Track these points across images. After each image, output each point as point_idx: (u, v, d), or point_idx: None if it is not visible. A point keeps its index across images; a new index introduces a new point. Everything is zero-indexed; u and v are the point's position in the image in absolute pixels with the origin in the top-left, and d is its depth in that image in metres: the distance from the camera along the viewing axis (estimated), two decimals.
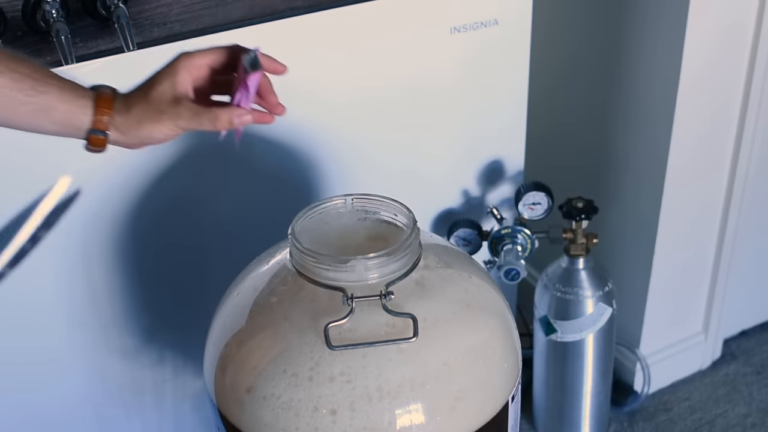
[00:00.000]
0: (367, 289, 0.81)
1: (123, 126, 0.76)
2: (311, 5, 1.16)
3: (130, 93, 0.78)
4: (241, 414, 0.82)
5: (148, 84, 0.77)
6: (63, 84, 0.75)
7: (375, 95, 1.24)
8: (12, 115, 0.74)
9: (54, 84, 0.74)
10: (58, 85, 0.74)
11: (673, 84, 1.35)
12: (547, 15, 1.56)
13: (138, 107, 0.76)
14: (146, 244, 1.17)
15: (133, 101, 0.76)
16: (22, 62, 0.73)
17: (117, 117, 0.76)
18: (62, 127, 0.76)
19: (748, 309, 1.77)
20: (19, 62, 0.73)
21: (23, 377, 1.17)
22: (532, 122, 1.43)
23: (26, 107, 0.73)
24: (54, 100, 0.74)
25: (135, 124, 0.76)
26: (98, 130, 0.76)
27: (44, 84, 0.73)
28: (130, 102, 0.76)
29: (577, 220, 1.35)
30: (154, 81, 0.77)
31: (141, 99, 0.76)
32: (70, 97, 0.75)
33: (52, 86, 0.74)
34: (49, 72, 0.75)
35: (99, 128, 0.76)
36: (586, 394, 1.47)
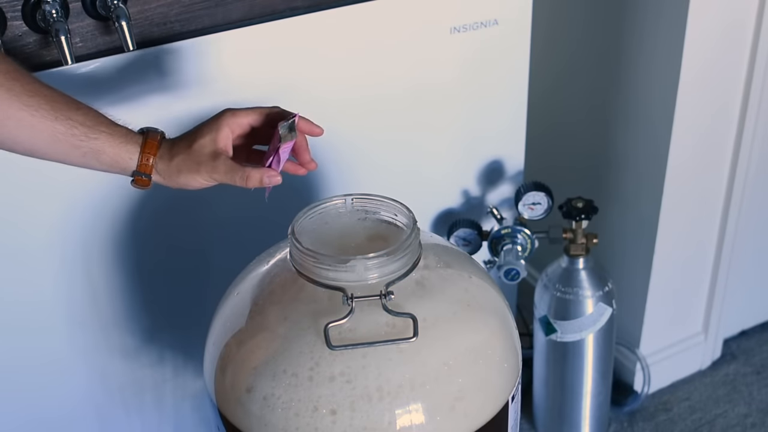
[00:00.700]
0: (367, 289, 0.81)
1: (164, 172, 0.84)
2: (311, 5, 1.16)
3: (175, 140, 0.85)
4: (241, 414, 0.82)
5: (193, 135, 0.84)
6: (113, 130, 0.82)
7: (375, 95, 1.24)
8: (64, 157, 0.82)
9: (104, 131, 0.81)
10: (108, 132, 0.81)
11: (673, 83, 1.35)
12: (547, 15, 1.56)
13: (180, 156, 0.83)
14: (146, 244, 1.17)
15: (176, 150, 0.83)
16: (76, 109, 0.80)
17: (160, 163, 0.83)
18: (110, 168, 0.83)
19: (748, 309, 1.77)
20: (74, 109, 0.80)
21: (24, 378, 1.17)
22: (532, 122, 1.43)
23: (78, 151, 0.81)
24: (104, 146, 0.81)
25: (175, 172, 0.83)
26: (142, 173, 0.83)
27: (96, 131, 0.81)
28: (174, 150, 0.83)
29: (577, 220, 1.35)
30: (198, 133, 0.83)
31: (184, 149, 0.83)
32: (118, 142, 0.82)
33: (102, 133, 0.81)
34: (100, 118, 0.82)
35: (143, 171, 0.83)
36: (586, 394, 1.47)
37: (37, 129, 0.78)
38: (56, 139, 0.79)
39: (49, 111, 0.78)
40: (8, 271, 1.09)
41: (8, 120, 0.77)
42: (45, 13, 1.00)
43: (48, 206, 1.08)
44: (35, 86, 0.78)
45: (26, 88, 0.77)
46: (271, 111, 0.85)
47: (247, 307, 0.87)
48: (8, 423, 1.19)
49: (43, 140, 0.79)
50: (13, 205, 1.06)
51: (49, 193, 1.08)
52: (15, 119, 0.77)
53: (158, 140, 0.84)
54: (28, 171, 1.05)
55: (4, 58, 0.78)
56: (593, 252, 1.39)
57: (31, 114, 0.78)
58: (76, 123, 0.79)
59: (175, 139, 0.85)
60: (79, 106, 0.81)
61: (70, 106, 0.80)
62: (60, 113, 0.79)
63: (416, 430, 0.79)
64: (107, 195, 1.11)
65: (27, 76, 0.79)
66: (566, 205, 1.36)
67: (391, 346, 0.79)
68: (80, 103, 0.81)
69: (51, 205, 1.08)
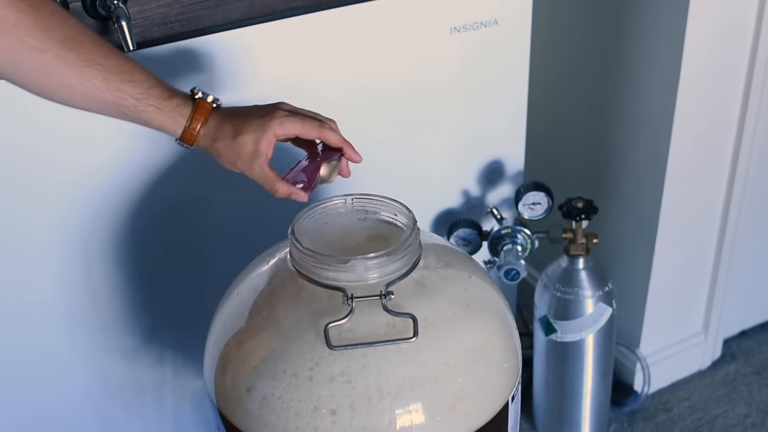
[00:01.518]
0: (367, 289, 0.81)
1: (206, 147, 0.87)
2: (311, 5, 1.16)
3: (224, 119, 0.86)
4: (241, 414, 0.82)
5: (240, 123, 0.85)
6: (161, 104, 0.84)
7: (375, 95, 1.24)
8: (116, 118, 0.85)
9: (152, 105, 0.83)
10: (156, 106, 0.84)
11: (673, 83, 1.35)
12: (547, 15, 1.56)
13: (221, 143, 0.86)
14: (146, 244, 1.17)
15: (220, 133, 0.86)
16: (129, 81, 0.82)
17: (202, 140, 0.86)
18: (157, 131, 0.87)
19: (748, 309, 1.77)
20: (126, 81, 0.82)
21: (24, 377, 1.17)
22: (532, 122, 1.43)
23: (127, 117, 0.84)
24: (151, 118, 0.84)
25: (215, 152, 0.87)
26: (185, 143, 0.87)
27: (144, 104, 0.83)
28: (218, 133, 0.86)
29: (577, 220, 1.35)
30: (245, 125, 0.85)
31: (227, 136, 0.86)
32: (165, 117, 0.85)
33: (150, 106, 0.83)
34: (152, 90, 0.83)
35: (186, 142, 0.87)
36: (586, 394, 1.47)
37: (88, 96, 0.81)
38: (106, 107, 0.83)
39: (101, 82, 0.80)
40: (8, 271, 1.09)
41: (61, 88, 0.80)
42: None
43: (48, 206, 1.08)
44: (92, 55, 0.79)
45: (81, 58, 0.79)
46: (319, 136, 0.87)
47: (247, 307, 0.87)
48: (8, 423, 1.19)
49: (94, 106, 0.83)
50: (13, 205, 1.06)
51: (49, 193, 1.08)
52: (67, 87, 0.80)
53: (205, 117, 0.85)
54: (29, 171, 1.05)
55: (67, 23, 0.79)
56: (593, 252, 1.39)
57: (83, 84, 0.80)
58: (126, 95, 0.82)
59: (224, 117, 0.86)
60: (132, 77, 0.82)
61: (123, 77, 0.81)
62: (111, 85, 0.81)
63: (416, 430, 0.79)
64: (107, 195, 1.11)
65: (85, 44, 0.79)
66: (566, 205, 1.36)
67: (391, 346, 0.79)
68: (136, 70, 0.82)
69: (51, 205, 1.08)
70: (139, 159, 1.11)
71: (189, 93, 0.87)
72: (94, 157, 1.09)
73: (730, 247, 1.59)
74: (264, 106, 0.87)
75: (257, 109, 0.87)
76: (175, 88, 0.86)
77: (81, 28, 0.80)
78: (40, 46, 0.77)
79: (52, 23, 0.77)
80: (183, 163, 1.14)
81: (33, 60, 0.78)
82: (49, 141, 1.05)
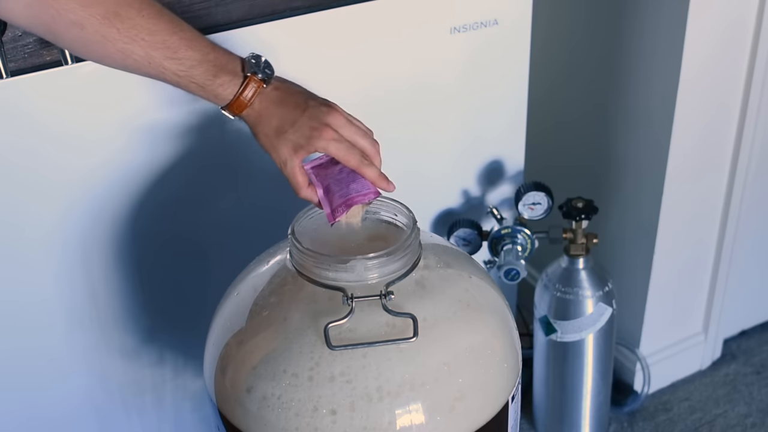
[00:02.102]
0: (367, 289, 0.81)
1: (247, 124, 0.87)
2: (311, 5, 1.16)
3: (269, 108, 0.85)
4: (241, 414, 0.82)
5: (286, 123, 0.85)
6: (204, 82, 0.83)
7: (375, 96, 1.24)
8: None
9: (195, 83, 0.83)
10: (198, 84, 0.83)
11: (673, 83, 1.35)
12: (547, 15, 1.56)
13: (262, 131, 0.86)
14: (146, 244, 1.17)
15: (263, 121, 0.85)
16: (172, 57, 0.81)
17: (246, 120, 0.86)
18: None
19: (748, 309, 1.77)
20: (169, 57, 0.81)
21: (23, 377, 1.17)
22: (532, 122, 1.43)
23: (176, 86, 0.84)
24: (195, 93, 0.84)
25: (252, 131, 0.87)
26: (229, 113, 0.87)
27: (186, 80, 0.83)
28: (261, 119, 0.85)
29: (577, 220, 1.35)
30: (290, 129, 0.85)
31: (269, 129, 0.85)
32: (208, 95, 0.84)
33: (192, 84, 0.83)
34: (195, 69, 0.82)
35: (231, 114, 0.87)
36: (586, 394, 1.47)
37: (130, 69, 0.82)
38: (150, 77, 0.83)
39: (142, 58, 0.80)
40: (8, 271, 1.09)
41: (105, 59, 0.81)
42: None
43: (48, 206, 1.08)
44: (134, 31, 0.78)
45: (123, 35, 0.78)
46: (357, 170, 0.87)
47: (247, 307, 0.87)
48: (8, 423, 1.19)
49: (137, 74, 0.83)
50: (13, 205, 1.06)
51: (49, 193, 1.08)
52: (111, 59, 0.81)
53: (250, 99, 0.85)
54: (29, 171, 1.05)
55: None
56: (593, 252, 1.39)
57: (124, 59, 0.80)
58: (167, 72, 0.82)
59: (274, 103, 0.85)
60: (177, 53, 0.81)
61: (166, 53, 0.81)
62: (153, 61, 0.81)
63: (416, 430, 0.79)
64: (107, 195, 1.11)
65: (130, 19, 0.78)
66: (566, 205, 1.36)
67: (391, 346, 0.79)
68: (182, 47, 0.81)
69: (51, 205, 1.08)
70: (139, 159, 1.11)
71: (240, 66, 0.85)
72: (94, 157, 1.09)
73: (730, 247, 1.59)
74: (318, 110, 0.86)
75: (310, 112, 0.86)
76: (225, 61, 0.84)
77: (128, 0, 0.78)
78: (79, 22, 0.76)
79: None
80: (183, 163, 1.14)
81: (72, 34, 0.77)
82: (49, 141, 1.05)
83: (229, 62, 0.84)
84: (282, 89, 0.87)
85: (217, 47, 0.84)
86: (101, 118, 1.07)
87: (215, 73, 0.83)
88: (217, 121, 1.14)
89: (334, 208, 0.86)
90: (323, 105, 0.87)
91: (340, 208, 0.86)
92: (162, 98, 1.09)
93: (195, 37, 0.83)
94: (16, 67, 1.03)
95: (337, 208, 0.86)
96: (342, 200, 0.86)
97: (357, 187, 0.86)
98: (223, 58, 0.84)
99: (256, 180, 1.21)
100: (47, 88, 1.02)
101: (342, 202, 0.86)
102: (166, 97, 1.09)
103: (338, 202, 0.86)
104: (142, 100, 1.08)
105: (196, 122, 1.13)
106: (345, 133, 0.86)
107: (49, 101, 1.03)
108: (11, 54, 1.02)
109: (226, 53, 0.85)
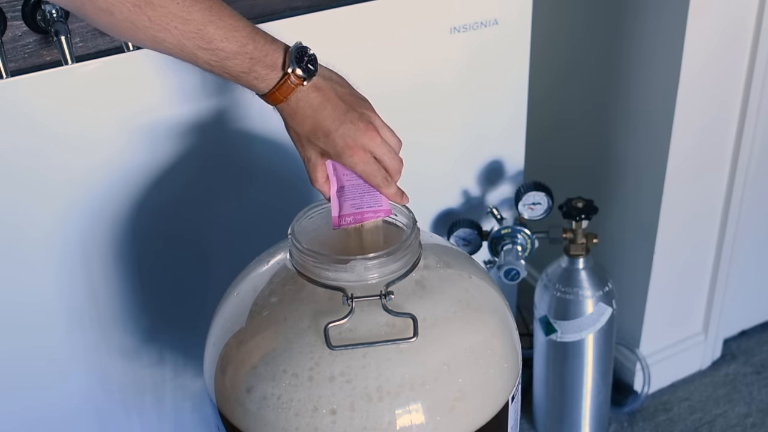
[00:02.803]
0: (367, 289, 0.81)
1: (280, 113, 0.84)
2: (311, 5, 1.16)
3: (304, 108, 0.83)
4: (241, 414, 0.82)
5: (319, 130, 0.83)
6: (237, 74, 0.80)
7: (375, 95, 1.24)
8: None
9: (228, 74, 0.80)
10: (231, 75, 0.80)
11: (673, 83, 1.35)
12: (547, 15, 1.56)
13: (293, 128, 0.84)
14: (146, 244, 1.17)
15: (296, 120, 0.83)
16: (205, 48, 0.77)
17: (280, 111, 0.84)
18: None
19: (748, 309, 1.77)
20: (202, 48, 0.77)
21: (23, 377, 1.17)
22: (532, 122, 1.43)
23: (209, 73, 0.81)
24: (230, 80, 0.81)
25: (285, 123, 0.85)
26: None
27: (219, 70, 0.79)
28: (295, 118, 0.83)
29: (577, 220, 1.35)
30: (323, 139, 0.83)
31: (302, 129, 0.84)
32: (242, 85, 0.82)
33: (225, 74, 0.80)
34: (228, 62, 0.79)
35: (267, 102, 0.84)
36: (586, 394, 1.47)
37: (164, 52, 0.78)
38: (184, 62, 0.80)
39: (174, 46, 0.77)
40: (8, 271, 1.09)
41: (136, 42, 0.78)
42: (45, 13, 1.00)
43: (48, 206, 1.08)
44: (167, 19, 0.75)
45: (155, 23, 0.74)
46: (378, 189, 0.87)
47: (247, 307, 0.87)
48: (8, 423, 1.19)
49: (173, 57, 0.80)
50: (13, 205, 1.06)
51: (49, 193, 1.08)
52: (142, 43, 0.77)
53: (286, 97, 0.82)
54: (29, 171, 1.05)
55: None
56: (593, 252, 1.39)
57: (155, 45, 0.77)
58: (200, 61, 0.78)
59: (309, 105, 0.82)
60: (211, 44, 0.77)
61: (199, 44, 0.77)
62: (185, 49, 0.77)
63: (416, 430, 0.79)
64: (107, 195, 1.11)
65: (163, 7, 0.74)
66: (566, 205, 1.36)
67: (391, 346, 0.79)
68: (216, 38, 0.77)
69: (51, 205, 1.08)
70: (139, 159, 1.11)
71: (282, 59, 0.80)
72: (94, 157, 1.09)
73: (730, 247, 1.59)
74: (355, 127, 0.83)
75: (346, 128, 0.83)
76: (264, 52, 0.80)
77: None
78: (108, 8, 0.73)
79: None
80: (183, 163, 1.14)
81: (101, 19, 0.74)
82: (49, 141, 1.05)
83: (269, 54, 0.80)
84: (323, 91, 0.83)
85: (258, 36, 0.80)
86: (101, 118, 1.07)
87: (251, 66, 0.80)
88: (218, 121, 1.14)
89: (342, 215, 0.86)
90: (361, 120, 0.84)
91: (348, 217, 0.86)
92: (162, 98, 1.09)
93: (234, 26, 0.78)
94: (16, 67, 1.03)
95: (344, 216, 0.86)
96: (352, 211, 0.86)
97: (371, 201, 0.86)
98: (262, 50, 0.80)
99: (256, 180, 1.21)
100: (47, 88, 1.02)
101: (352, 214, 0.86)
102: (167, 97, 1.09)
103: (348, 211, 0.86)
104: (142, 100, 1.08)
105: (197, 122, 1.13)
106: (376, 152, 0.85)
107: (49, 101, 1.03)
108: (11, 54, 1.02)
109: (268, 43, 0.80)
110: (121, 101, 1.07)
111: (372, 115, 0.86)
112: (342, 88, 0.86)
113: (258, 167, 1.20)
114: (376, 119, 0.86)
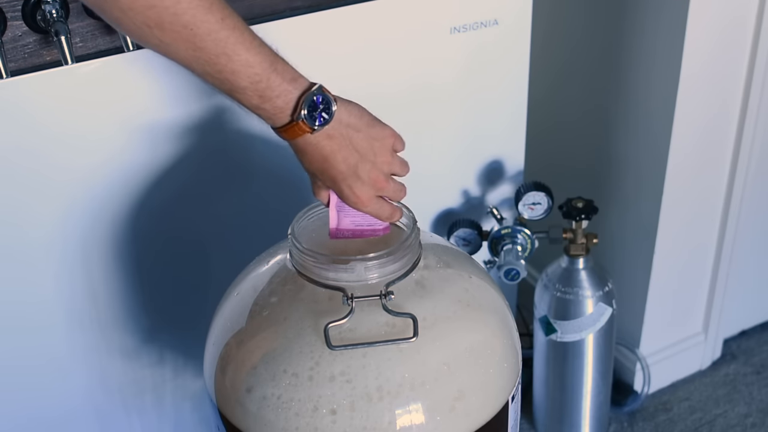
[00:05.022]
0: (367, 289, 0.81)
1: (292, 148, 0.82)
2: (311, 5, 1.16)
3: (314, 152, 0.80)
4: (241, 414, 0.82)
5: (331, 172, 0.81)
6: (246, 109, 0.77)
7: (375, 95, 1.24)
8: None
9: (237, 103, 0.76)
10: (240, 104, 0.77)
11: (673, 83, 1.35)
12: (547, 15, 1.56)
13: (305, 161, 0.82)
14: (146, 244, 1.17)
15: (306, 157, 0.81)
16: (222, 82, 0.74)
17: (292, 147, 0.81)
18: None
19: (748, 309, 1.77)
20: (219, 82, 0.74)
21: (23, 377, 1.17)
22: (532, 122, 1.43)
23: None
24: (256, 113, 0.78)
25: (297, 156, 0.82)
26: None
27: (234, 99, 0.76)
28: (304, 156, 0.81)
29: (577, 220, 1.35)
30: (333, 179, 0.83)
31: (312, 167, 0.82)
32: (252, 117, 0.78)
33: (241, 105, 0.77)
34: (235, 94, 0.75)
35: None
36: (586, 394, 1.47)
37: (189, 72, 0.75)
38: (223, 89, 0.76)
39: (183, 67, 0.73)
40: (8, 271, 1.09)
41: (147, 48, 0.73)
42: (45, 13, 1.00)
43: (48, 206, 1.08)
44: (175, 45, 0.70)
45: (163, 45, 0.70)
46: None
47: (247, 307, 0.87)
48: (8, 423, 1.19)
49: None
50: (13, 205, 1.06)
51: (49, 193, 1.08)
52: (151, 52, 0.73)
53: (293, 139, 0.79)
54: (28, 171, 1.05)
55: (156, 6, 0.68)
56: (593, 252, 1.39)
57: (164, 57, 0.72)
58: (207, 83, 0.74)
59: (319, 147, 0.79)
60: (221, 74, 0.72)
61: (206, 69, 0.72)
62: (194, 71, 0.73)
63: (416, 430, 0.79)
64: (107, 195, 1.11)
65: (172, 32, 0.69)
66: (566, 205, 1.36)
67: (391, 346, 0.79)
68: (227, 69, 0.72)
69: (51, 204, 1.08)
70: (139, 159, 1.11)
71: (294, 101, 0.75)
72: (94, 157, 1.09)
73: (730, 247, 1.59)
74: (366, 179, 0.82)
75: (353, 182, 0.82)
76: (278, 92, 0.75)
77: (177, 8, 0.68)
78: (117, 20, 0.69)
79: (136, 4, 0.67)
80: (183, 163, 1.14)
81: (114, 23, 0.71)
82: (50, 141, 1.05)
83: (281, 95, 0.75)
84: (335, 140, 0.79)
85: (274, 75, 0.75)
86: (101, 118, 1.07)
87: (259, 103, 0.75)
88: (218, 121, 1.14)
89: (339, 228, 0.87)
90: (372, 171, 0.82)
91: (345, 232, 0.87)
92: (162, 98, 1.09)
93: (248, 62, 0.73)
94: (16, 67, 1.03)
95: (342, 230, 0.87)
96: (351, 228, 0.87)
97: (371, 219, 0.87)
98: (276, 90, 0.75)
99: (256, 180, 1.21)
100: (47, 88, 1.02)
101: (350, 230, 0.87)
102: (167, 97, 1.09)
103: (346, 225, 0.87)
104: (142, 100, 1.08)
105: (197, 122, 1.13)
106: (383, 194, 0.86)
107: (49, 101, 1.03)
108: (11, 54, 1.02)
109: (285, 82, 0.75)
110: (121, 101, 1.07)
111: (383, 159, 0.84)
112: (358, 133, 0.81)
113: (258, 167, 1.20)
114: (387, 156, 0.84)
